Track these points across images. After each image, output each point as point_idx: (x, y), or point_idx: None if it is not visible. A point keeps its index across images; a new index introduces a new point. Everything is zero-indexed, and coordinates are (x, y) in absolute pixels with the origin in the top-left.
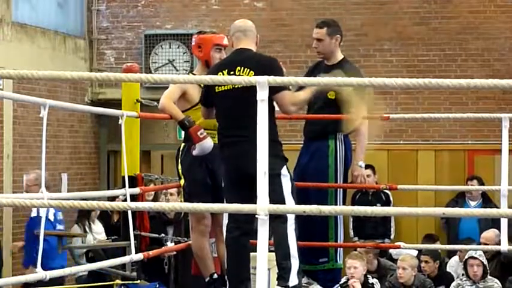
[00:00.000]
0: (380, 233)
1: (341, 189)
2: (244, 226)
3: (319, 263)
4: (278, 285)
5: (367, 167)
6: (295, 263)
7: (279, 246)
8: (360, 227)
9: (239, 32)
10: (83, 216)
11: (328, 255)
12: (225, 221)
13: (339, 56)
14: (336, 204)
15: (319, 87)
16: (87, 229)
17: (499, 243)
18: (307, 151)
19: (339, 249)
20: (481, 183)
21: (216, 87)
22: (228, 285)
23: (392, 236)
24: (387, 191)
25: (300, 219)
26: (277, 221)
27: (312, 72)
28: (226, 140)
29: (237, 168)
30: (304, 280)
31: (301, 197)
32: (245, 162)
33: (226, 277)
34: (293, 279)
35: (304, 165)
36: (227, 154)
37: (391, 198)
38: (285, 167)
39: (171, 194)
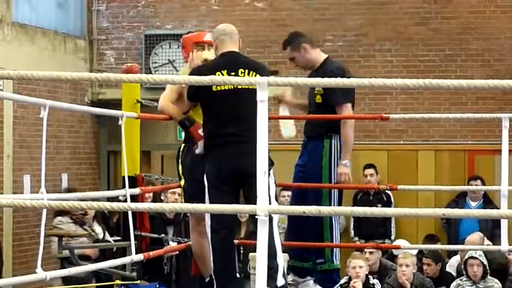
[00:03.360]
0: (380, 233)
1: (336, 190)
2: (229, 225)
3: (316, 263)
4: (267, 285)
5: (370, 166)
6: (281, 262)
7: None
8: (360, 227)
9: (224, 35)
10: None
11: (324, 256)
12: (208, 221)
13: (320, 58)
14: (330, 205)
15: None
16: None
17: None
18: (305, 150)
19: (335, 249)
20: (483, 183)
21: (214, 86)
22: (215, 284)
23: (393, 237)
24: (388, 192)
25: (295, 219)
26: None
27: None
28: (225, 139)
29: (235, 167)
30: (290, 278)
31: (299, 197)
32: (244, 161)
33: (213, 276)
34: (280, 280)
35: (301, 165)
36: (224, 153)
37: (392, 199)
38: (272, 169)
39: (173, 193)
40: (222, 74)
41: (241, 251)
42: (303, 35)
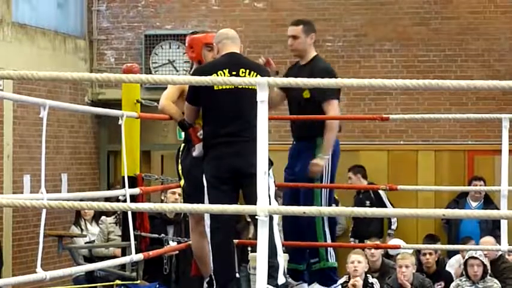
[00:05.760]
0: (376, 232)
1: (327, 190)
2: (228, 226)
3: (311, 263)
4: (268, 284)
5: (355, 167)
6: (281, 261)
7: None
8: (355, 227)
9: (227, 39)
10: (80, 217)
11: (318, 255)
12: (207, 221)
13: (313, 53)
14: (321, 205)
15: None
16: (84, 230)
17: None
18: (295, 153)
19: (329, 248)
20: (485, 184)
21: (215, 85)
22: (215, 284)
23: (394, 227)
24: (380, 191)
25: (288, 220)
26: None
27: (288, 74)
28: (225, 138)
29: (234, 167)
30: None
31: (290, 198)
32: (243, 161)
33: (213, 277)
34: (281, 278)
35: (292, 170)
36: (223, 153)
37: (384, 196)
38: (271, 169)
39: (173, 193)
40: (224, 73)
41: (249, 252)
42: (315, 28)
